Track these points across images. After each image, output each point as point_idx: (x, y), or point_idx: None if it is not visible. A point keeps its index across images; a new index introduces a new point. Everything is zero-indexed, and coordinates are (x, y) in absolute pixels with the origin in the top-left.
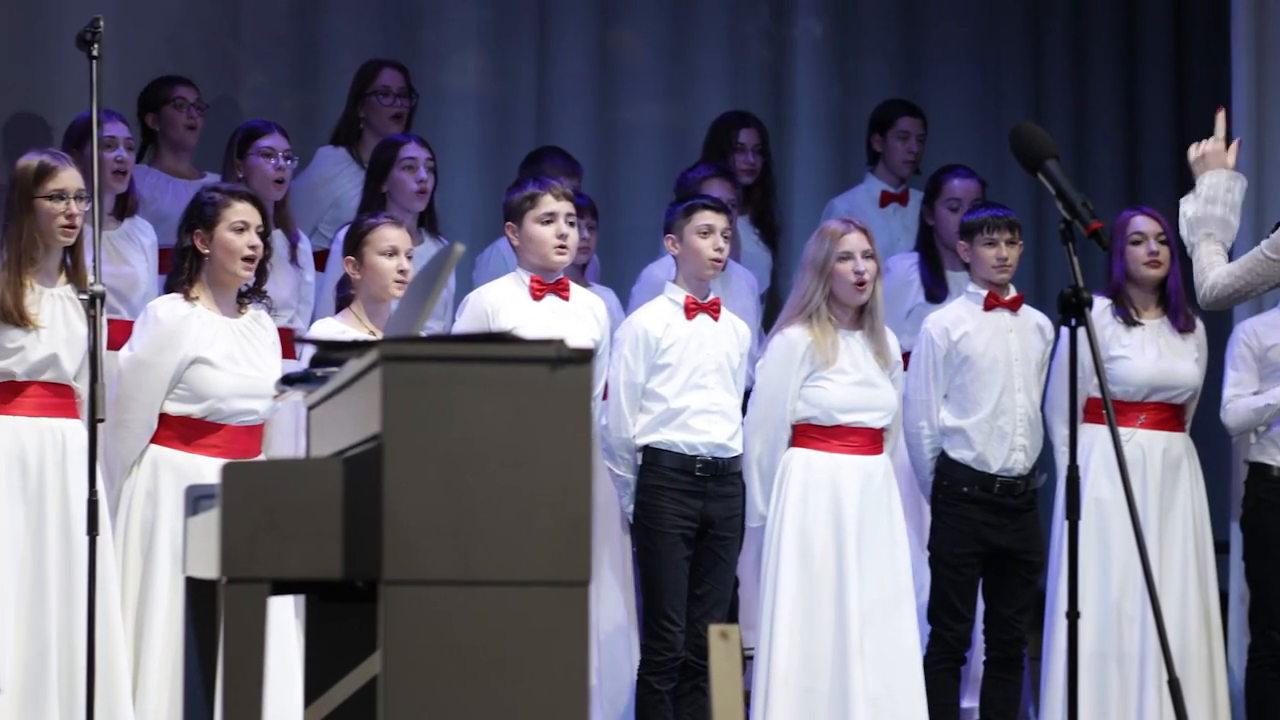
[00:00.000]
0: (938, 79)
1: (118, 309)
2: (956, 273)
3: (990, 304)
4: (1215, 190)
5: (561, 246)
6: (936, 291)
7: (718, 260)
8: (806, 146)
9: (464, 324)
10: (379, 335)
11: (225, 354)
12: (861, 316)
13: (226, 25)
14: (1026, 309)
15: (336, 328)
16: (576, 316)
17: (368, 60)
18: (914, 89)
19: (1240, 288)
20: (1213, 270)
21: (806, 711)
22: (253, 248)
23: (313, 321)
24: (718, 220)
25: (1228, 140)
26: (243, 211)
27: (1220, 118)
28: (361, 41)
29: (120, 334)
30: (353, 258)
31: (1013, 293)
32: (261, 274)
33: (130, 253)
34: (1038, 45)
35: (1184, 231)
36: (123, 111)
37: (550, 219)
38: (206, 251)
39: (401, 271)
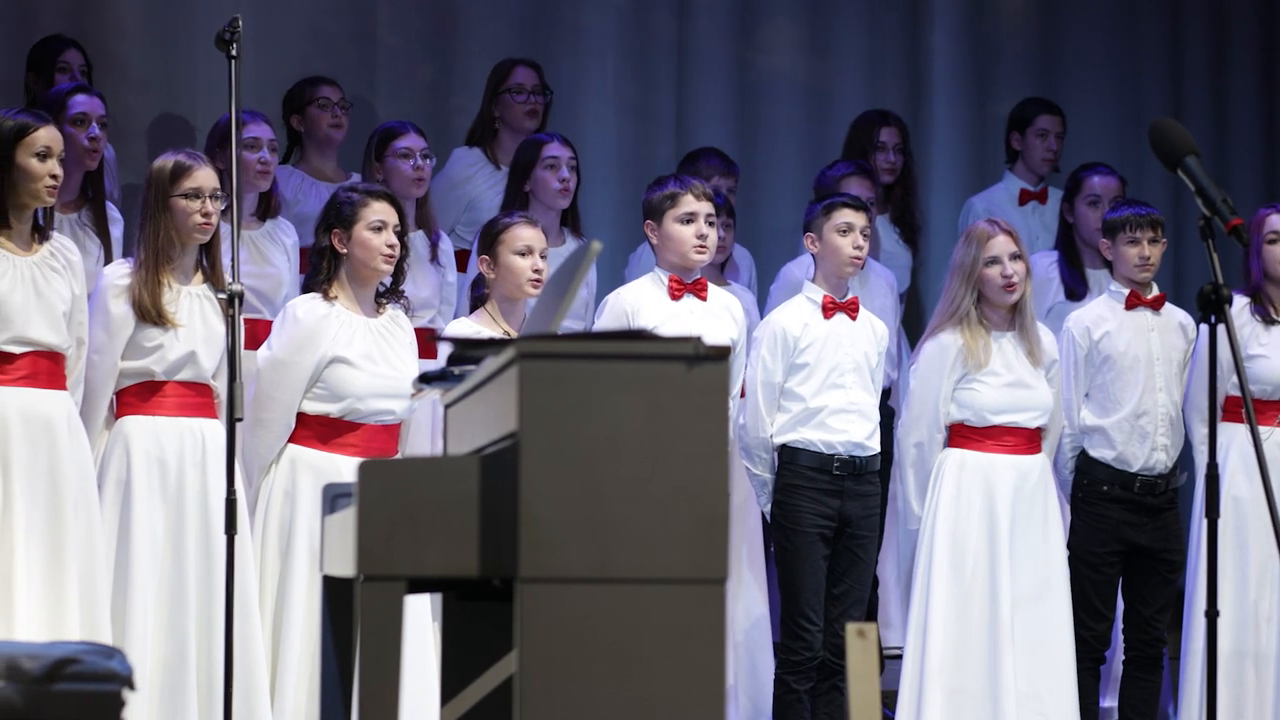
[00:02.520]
0: (1076, 76)
1: (260, 310)
2: (1096, 270)
3: (1132, 303)
4: None
5: (701, 246)
6: (1076, 289)
7: (857, 259)
8: (944, 145)
9: (604, 324)
10: (513, 334)
11: (363, 353)
12: (1013, 316)
13: (366, 25)
14: (1169, 307)
15: (471, 327)
16: (714, 316)
17: (501, 59)
18: (1052, 87)
19: None
20: None
21: (956, 711)
22: (391, 246)
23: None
24: (857, 219)
25: None
26: (380, 210)
27: None
28: (500, 40)
29: (262, 333)
30: (487, 257)
31: (1155, 291)
32: (399, 274)
33: (273, 253)
34: (1176, 42)
35: None
36: (265, 110)
37: (690, 218)
38: (344, 251)
39: (536, 271)
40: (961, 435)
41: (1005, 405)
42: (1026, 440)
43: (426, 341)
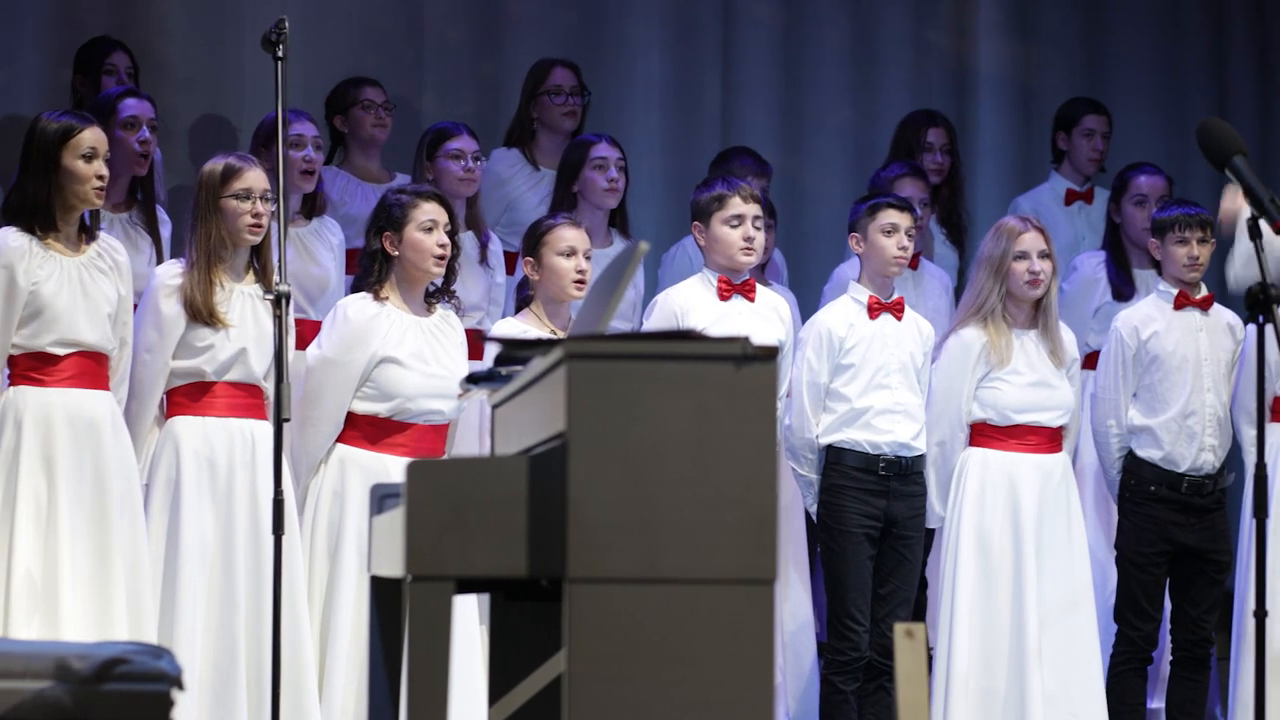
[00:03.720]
0: (1121, 76)
1: (306, 309)
2: (1144, 270)
3: (1180, 303)
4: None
5: (748, 248)
6: (1124, 289)
7: (901, 258)
8: (990, 145)
9: (653, 325)
10: (559, 335)
11: (413, 353)
12: (1036, 315)
13: (411, 25)
14: (1217, 308)
15: (517, 328)
16: (762, 317)
17: (539, 59)
18: (1097, 86)
19: None
20: None
21: (985, 711)
22: (442, 246)
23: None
24: (902, 219)
25: None
26: (430, 211)
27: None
28: (545, 40)
29: (309, 333)
30: (531, 258)
31: (1204, 291)
32: (450, 273)
33: (319, 252)
34: (1221, 41)
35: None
36: (310, 109)
37: (738, 221)
38: (396, 253)
39: (580, 272)
40: (984, 434)
41: (1028, 404)
42: (1048, 439)
43: (475, 342)
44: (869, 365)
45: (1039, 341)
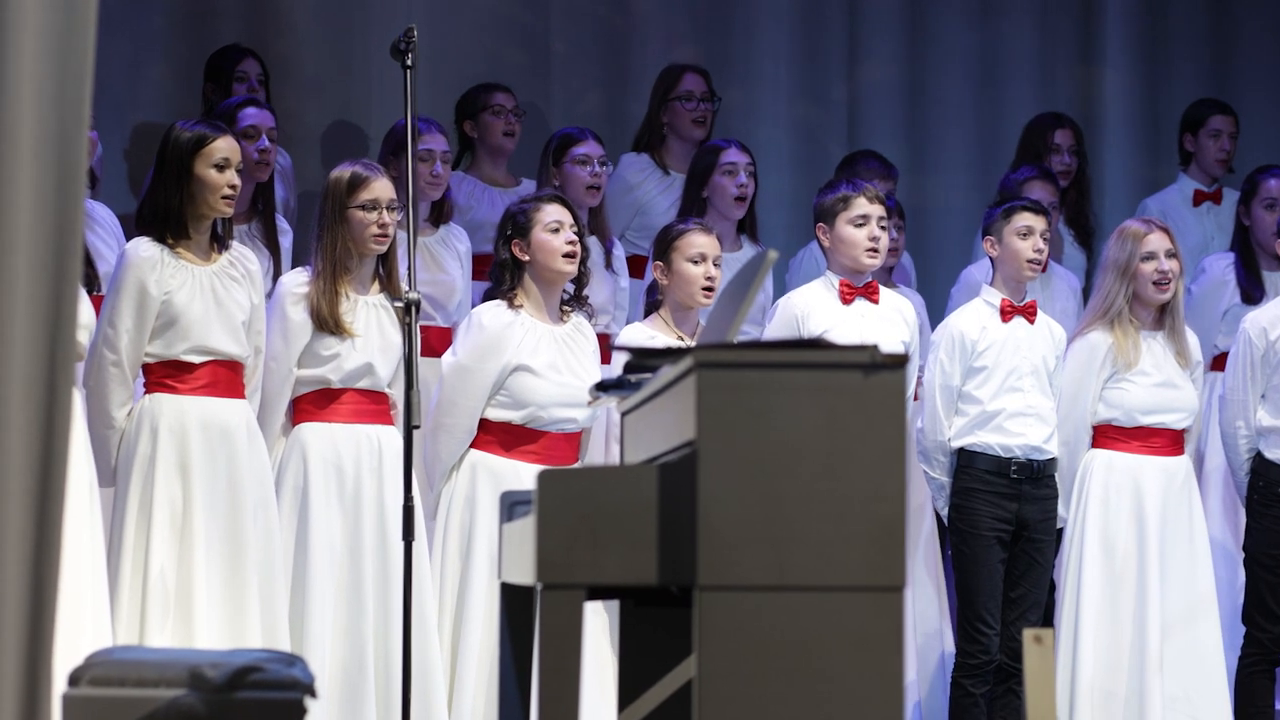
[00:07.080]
0: (1248, 77)
1: (433, 316)
2: (1273, 273)
3: None
4: None
5: (873, 250)
6: (1253, 292)
7: (1036, 262)
8: (1116, 147)
9: (774, 329)
10: (686, 341)
11: (547, 362)
12: (1163, 317)
13: (539, 31)
14: None
15: (644, 333)
16: (885, 320)
17: (669, 64)
18: (1224, 87)
19: None
20: None
21: (1107, 715)
22: (570, 243)
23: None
24: (1037, 222)
25: None
26: (554, 212)
27: None
28: (673, 45)
29: (436, 340)
30: (661, 263)
31: None
32: (582, 276)
33: (446, 260)
34: None
35: None
36: (437, 117)
37: (863, 221)
38: (526, 258)
39: (709, 278)
40: (1108, 436)
41: (1155, 405)
42: (1172, 442)
43: (603, 348)
44: (1001, 368)
45: (1166, 343)
